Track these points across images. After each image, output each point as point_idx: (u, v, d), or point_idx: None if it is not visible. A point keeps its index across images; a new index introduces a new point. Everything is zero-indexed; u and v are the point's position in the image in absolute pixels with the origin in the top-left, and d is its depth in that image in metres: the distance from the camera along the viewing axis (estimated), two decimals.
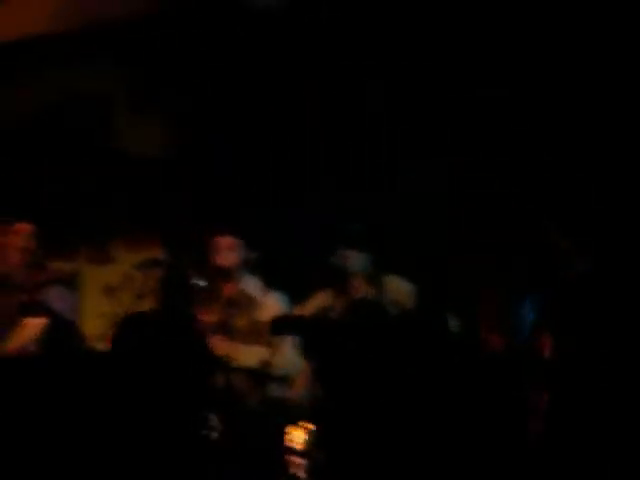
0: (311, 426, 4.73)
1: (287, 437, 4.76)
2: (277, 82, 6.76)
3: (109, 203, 7.56)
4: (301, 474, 4.70)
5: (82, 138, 7.52)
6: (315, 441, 4.71)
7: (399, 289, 5.58)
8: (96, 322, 6.57)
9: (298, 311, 5.60)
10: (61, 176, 7.54)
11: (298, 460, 4.72)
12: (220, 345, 5.35)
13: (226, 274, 5.71)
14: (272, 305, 5.66)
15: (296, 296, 5.74)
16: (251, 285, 5.75)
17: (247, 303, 5.66)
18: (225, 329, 5.58)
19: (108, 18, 6.12)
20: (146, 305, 5.75)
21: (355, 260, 5.62)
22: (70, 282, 7.53)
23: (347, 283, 5.64)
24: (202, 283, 5.53)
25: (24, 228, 5.65)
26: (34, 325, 5.34)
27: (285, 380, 5.45)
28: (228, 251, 5.72)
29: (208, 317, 5.64)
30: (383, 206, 6.37)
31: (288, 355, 5.47)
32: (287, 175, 6.75)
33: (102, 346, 5.80)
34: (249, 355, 5.47)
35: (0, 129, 7.23)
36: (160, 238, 7.31)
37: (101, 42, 6.39)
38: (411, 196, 6.40)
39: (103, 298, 7.59)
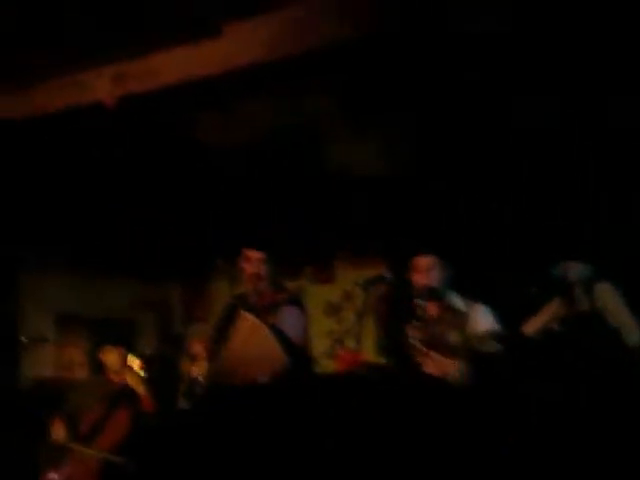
0: None
1: None
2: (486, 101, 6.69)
3: (331, 223, 7.68)
4: None
5: (300, 162, 7.69)
6: None
7: (609, 297, 5.43)
8: (320, 341, 6.67)
9: (529, 326, 5.50)
10: (284, 199, 7.73)
11: None
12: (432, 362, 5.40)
13: (428, 292, 5.69)
14: (481, 317, 5.58)
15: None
16: (455, 301, 5.72)
17: (454, 318, 5.62)
18: (437, 346, 5.56)
19: (319, 42, 6.20)
20: (367, 323, 5.81)
21: (576, 270, 5.52)
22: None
23: (569, 294, 5.54)
24: (422, 302, 5.57)
25: (254, 255, 5.82)
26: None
27: None
28: (428, 270, 5.68)
29: (417, 334, 5.67)
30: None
31: None
32: (498, 194, 6.69)
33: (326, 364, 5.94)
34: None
35: (216, 158, 7.46)
36: (383, 256, 7.35)
37: (313, 66, 6.49)
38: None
39: (325, 316, 7.72)
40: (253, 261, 5.80)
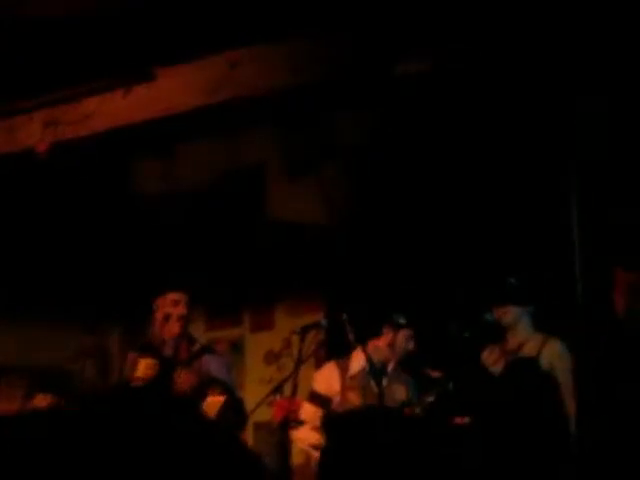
0: None
1: None
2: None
3: (270, 270, 7.62)
4: None
5: (240, 207, 7.65)
6: None
7: (555, 352, 5.36)
8: (259, 388, 6.60)
9: None
10: (222, 245, 7.69)
11: None
12: None
13: None
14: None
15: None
16: None
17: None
18: None
19: (261, 89, 6.19)
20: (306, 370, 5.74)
21: (512, 315, 5.47)
22: (236, 348, 7.71)
23: (504, 339, 5.51)
24: None
25: (182, 297, 5.68)
26: (214, 404, 5.33)
27: None
28: None
29: None
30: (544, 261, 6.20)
31: None
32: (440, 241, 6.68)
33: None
34: None
35: (160, 205, 7.40)
36: (322, 302, 7.31)
37: (252, 113, 6.48)
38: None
39: (266, 364, 7.64)
40: (182, 303, 5.66)
